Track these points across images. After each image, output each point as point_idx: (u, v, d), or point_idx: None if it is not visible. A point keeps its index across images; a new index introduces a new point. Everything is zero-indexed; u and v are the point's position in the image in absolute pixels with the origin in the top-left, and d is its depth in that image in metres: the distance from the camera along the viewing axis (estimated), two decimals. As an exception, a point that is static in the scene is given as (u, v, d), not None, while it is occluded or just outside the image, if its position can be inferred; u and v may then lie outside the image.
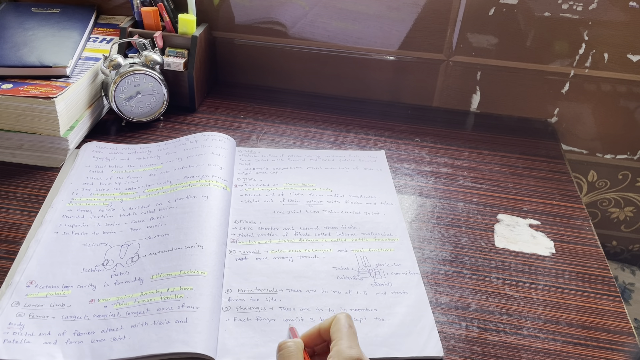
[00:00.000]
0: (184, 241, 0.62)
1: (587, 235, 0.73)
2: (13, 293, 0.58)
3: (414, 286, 0.62)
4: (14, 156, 0.78)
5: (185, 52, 0.89)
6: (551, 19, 0.88)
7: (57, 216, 0.68)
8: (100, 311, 0.56)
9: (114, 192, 0.72)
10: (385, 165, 0.81)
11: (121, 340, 0.53)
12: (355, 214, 0.72)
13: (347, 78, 0.99)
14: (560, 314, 0.62)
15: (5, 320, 0.55)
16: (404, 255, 0.66)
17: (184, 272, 0.59)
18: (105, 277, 0.60)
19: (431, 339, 0.57)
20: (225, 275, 0.61)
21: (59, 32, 0.87)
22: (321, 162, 0.81)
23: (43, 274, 0.60)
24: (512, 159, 0.86)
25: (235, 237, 0.67)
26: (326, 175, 0.78)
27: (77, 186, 0.73)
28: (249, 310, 0.58)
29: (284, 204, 0.72)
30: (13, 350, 0.52)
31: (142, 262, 0.61)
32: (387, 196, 0.75)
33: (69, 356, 0.52)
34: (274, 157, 0.81)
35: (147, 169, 0.76)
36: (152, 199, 0.70)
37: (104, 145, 0.81)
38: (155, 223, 0.66)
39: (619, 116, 0.95)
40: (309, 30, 0.95)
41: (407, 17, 0.91)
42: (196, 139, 0.78)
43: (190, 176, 0.71)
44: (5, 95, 0.74)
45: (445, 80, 0.97)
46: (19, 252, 0.63)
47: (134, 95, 0.84)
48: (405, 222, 0.72)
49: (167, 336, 0.52)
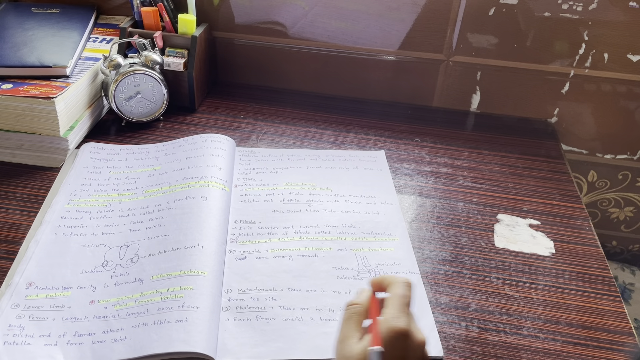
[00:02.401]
0: (184, 242, 0.62)
1: (587, 235, 0.73)
2: (12, 294, 0.58)
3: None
4: (14, 156, 0.78)
5: (185, 52, 0.89)
6: (551, 19, 0.88)
7: (56, 217, 0.68)
8: (100, 312, 0.56)
9: (113, 193, 0.72)
10: (385, 165, 0.81)
11: (122, 341, 0.53)
12: (355, 213, 0.72)
13: (347, 78, 0.99)
14: (560, 314, 0.62)
15: (5, 322, 0.55)
16: (403, 255, 0.66)
17: (184, 272, 0.59)
18: (105, 278, 0.60)
19: (431, 339, 0.57)
20: (225, 275, 0.62)
21: (59, 32, 0.87)
22: (321, 162, 0.81)
23: (42, 275, 0.60)
24: (512, 159, 0.86)
25: (235, 236, 0.67)
26: (326, 175, 0.78)
27: (75, 187, 0.73)
28: (248, 310, 0.58)
29: (283, 204, 0.72)
30: (13, 352, 0.52)
31: (142, 263, 0.61)
32: (387, 196, 0.75)
33: (70, 358, 0.52)
34: (273, 157, 0.81)
35: (146, 170, 0.76)
36: (151, 200, 0.70)
37: (101, 146, 0.81)
38: (154, 224, 0.66)
39: (619, 116, 0.95)
40: (309, 30, 0.95)
41: (407, 17, 0.91)
42: (195, 141, 0.78)
43: (189, 177, 0.71)
44: (5, 95, 0.74)
45: (445, 80, 0.97)
46: (18, 253, 0.63)
47: (134, 95, 0.84)
48: (405, 222, 0.72)
49: (167, 336, 0.52)
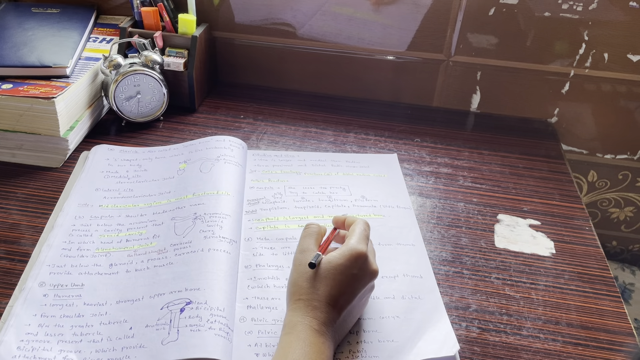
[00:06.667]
0: (202, 247, 0.62)
1: (587, 235, 0.73)
2: (26, 299, 0.57)
3: (427, 291, 0.62)
4: (14, 156, 0.78)
5: (185, 52, 0.89)
6: (551, 19, 0.88)
7: (68, 220, 0.67)
8: (115, 317, 0.56)
9: (127, 197, 0.71)
10: (398, 168, 0.81)
11: (137, 347, 0.53)
12: (368, 217, 0.71)
13: (347, 78, 0.99)
14: (560, 314, 0.62)
15: (19, 327, 0.54)
16: (417, 260, 0.65)
17: (200, 275, 0.58)
18: (118, 282, 0.60)
19: (448, 340, 0.56)
20: (239, 280, 0.61)
21: (59, 32, 0.87)
22: (331, 167, 0.80)
23: (55, 280, 0.60)
24: (512, 159, 0.86)
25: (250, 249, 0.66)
26: (342, 179, 0.77)
27: (88, 190, 0.72)
28: (263, 321, 0.57)
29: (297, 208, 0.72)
30: (27, 357, 0.52)
31: (156, 268, 0.61)
32: (402, 199, 0.75)
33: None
34: (280, 158, 0.81)
35: (161, 175, 0.75)
36: (166, 206, 0.69)
37: (115, 149, 0.80)
38: (169, 229, 0.65)
39: (619, 116, 0.95)
40: (309, 30, 0.95)
41: (407, 17, 0.91)
42: (207, 146, 0.77)
43: (207, 188, 0.70)
44: (5, 95, 0.74)
45: (445, 80, 0.97)
46: (31, 257, 0.63)
47: (134, 95, 0.84)
48: (418, 227, 0.70)
49: (183, 342, 0.52)
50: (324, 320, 0.50)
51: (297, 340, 0.49)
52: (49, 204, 0.71)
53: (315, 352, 0.48)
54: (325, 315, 0.50)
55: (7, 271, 0.62)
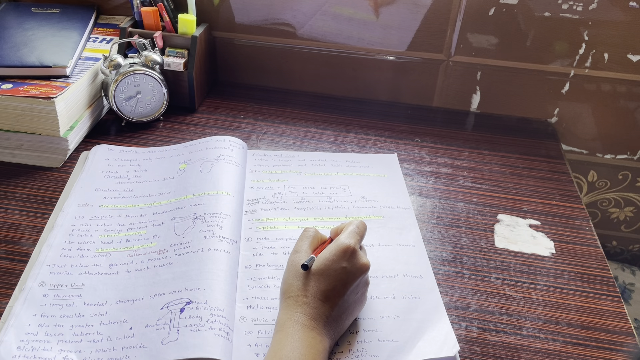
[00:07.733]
0: (202, 247, 0.62)
1: (587, 235, 0.73)
2: (26, 299, 0.57)
3: (427, 291, 0.62)
4: (14, 156, 0.78)
5: (185, 52, 0.89)
6: (551, 19, 0.88)
7: (68, 220, 0.67)
8: (115, 317, 0.56)
9: (126, 197, 0.71)
10: (398, 169, 0.81)
11: (137, 347, 0.53)
12: (367, 218, 0.71)
13: (347, 78, 0.99)
14: (560, 314, 0.62)
15: (19, 327, 0.54)
16: (417, 260, 0.65)
17: (200, 275, 0.58)
18: (118, 282, 0.60)
19: (448, 340, 0.56)
20: (239, 280, 0.61)
21: (59, 32, 0.87)
22: (332, 167, 0.80)
23: (55, 280, 0.59)
24: (512, 159, 0.86)
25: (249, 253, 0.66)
26: (342, 179, 0.77)
27: (88, 190, 0.72)
28: (263, 321, 0.57)
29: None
30: (27, 357, 0.52)
31: (156, 268, 0.61)
32: (402, 200, 0.75)
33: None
34: (281, 158, 0.80)
35: (162, 176, 0.75)
36: (166, 206, 0.69)
37: (115, 149, 0.79)
38: (169, 230, 0.65)
39: (619, 116, 0.95)
40: (309, 31, 0.95)
41: (407, 17, 0.91)
42: (208, 146, 0.77)
43: (207, 188, 0.70)
44: (5, 95, 0.74)
45: (445, 80, 0.97)
46: (31, 257, 0.63)
47: (134, 95, 0.84)
48: (419, 227, 0.70)
49: (183, 341, 0.52)
50: (313, 315, 0.51)
51: (286, 337, 0.49)
52: (49, 204, 0.71)
53: (305, 346, 0.48)
54: (315, 311, 0.51)
55: (7, 271, 0.62)
